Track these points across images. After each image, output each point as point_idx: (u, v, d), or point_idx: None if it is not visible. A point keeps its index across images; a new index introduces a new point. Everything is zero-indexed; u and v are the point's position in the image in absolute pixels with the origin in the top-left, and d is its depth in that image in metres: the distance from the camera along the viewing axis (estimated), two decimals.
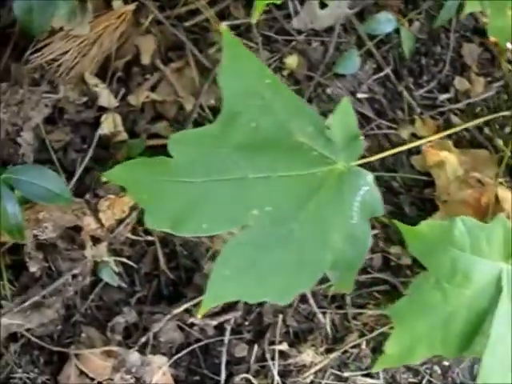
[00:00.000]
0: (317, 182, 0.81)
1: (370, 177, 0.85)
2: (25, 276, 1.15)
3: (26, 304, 1.10)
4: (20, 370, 1.11)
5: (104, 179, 0.79)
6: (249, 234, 0.80)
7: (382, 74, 1.37)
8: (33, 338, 1.12)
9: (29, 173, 1.01)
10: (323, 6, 1.36)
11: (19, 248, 1.15)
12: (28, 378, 1.11)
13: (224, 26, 1.20)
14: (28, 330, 1.12)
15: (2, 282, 1.13)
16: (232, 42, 0.77)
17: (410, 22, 1.41)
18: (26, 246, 1.13)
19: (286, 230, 0.79)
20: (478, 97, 1.39)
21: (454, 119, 1.38)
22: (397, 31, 1.39)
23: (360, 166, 0.84)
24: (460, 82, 1.40)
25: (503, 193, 1.29)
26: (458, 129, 1.21)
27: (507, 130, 1.38)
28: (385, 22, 1.33)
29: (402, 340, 0.93)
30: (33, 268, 1.12)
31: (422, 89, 1.38)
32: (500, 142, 1.37)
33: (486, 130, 1.38)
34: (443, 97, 1.39)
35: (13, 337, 1.13)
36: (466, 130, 1.38)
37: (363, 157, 0.86)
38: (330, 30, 1.39)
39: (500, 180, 1.31)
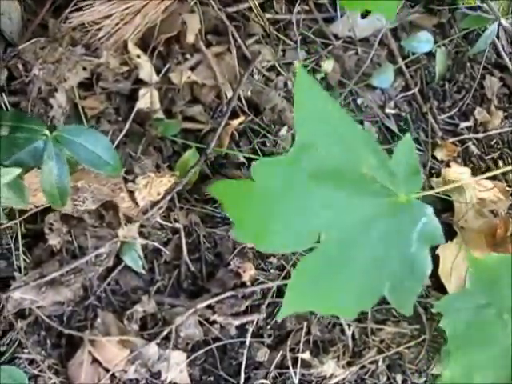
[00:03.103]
0: (378, 211, 0.84)
1: (429, 209, 0.89)
2: (40, 248, 1.05)
3: (43, 280, 1.00)
4: (26, 351, 1.01)
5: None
6: (318, 254, 0.81)
7: (409, 93, 1.37)
8: (42, 317, 1.02)
9: (82, 135, 0.91)
10: (364, 16, 1.34)
11: (36, 217, 1.06)
12: (34, 359, 1.01)
13: (298, 63, 1.21)
14: (38, 307, 1.02)
15: (16, 253, 1.02)
16: (305, 78, 0.80)
17: (439, 47, 1.42)
18: (47, 216, 1.04)
19: (350, 255, 0.82)
20: (495, 129, 1.41)
21: (472, 148, 1.39)
22: (426, 53, 1.39)
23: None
24: (480, 113, 1.41)
25: None
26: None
27: None
28: (424, 42, 1.32)
29: (458, 366, 0.92)
30: (53, 241, 1.03)
31: (444, 114, 1.39)
32: None
33: (500, 163, 1.40)
34: (463, 125, 1.40)
35: (21, 313, 1.03)
36: (482, 160, 1.40)
37: None
38: (364, 40, 1.37)
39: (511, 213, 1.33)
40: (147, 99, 1.13)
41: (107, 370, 1.02)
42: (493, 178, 1.38)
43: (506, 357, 0.91)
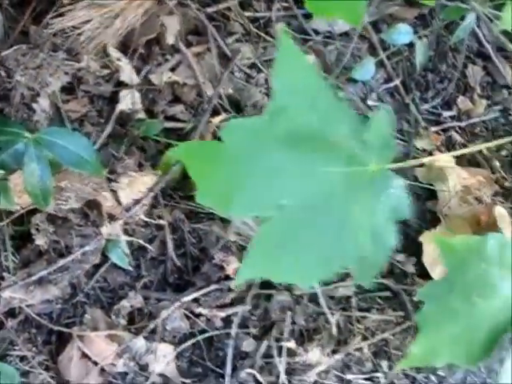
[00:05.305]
0: (349, 180, 0.83)
1: (399, 181, 0.87)
2: (28, 249, 1.09)
3: (31, 279, 1.04)
4: (17, 348, 1.05)
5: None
6: (280, 221, 0.80)
7: (391, 85, 1.39)
8: (32, 315, 1.06)
9: (63, 136, 0.96)
10: None
11: (23, 218, 1.09)
12: (25, 356, 1.05)
13: (282, 26, 1.22)
14: (28, 306, 1.06)
15: (5, 254, 1.06)
16: (287, 41, 0.79)
17: (419, 38, 1.44)
18: (34, 217, 1.07)
19: (315, 222, 0.81)
20: (478, 117, 1.43)
21: (456, 136, 1.41)
22: (407, 45, 1.41)
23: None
24: (463, 102, 1.43)
25: (500, 211, 1.33)
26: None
27: (504, 152, 1.42)
28: (404, 34, 1.35)
29: (426, 342, 0.94)
30: (39, 241, 1.06)
31: (427, 104, 1.41)
32: (497, 164, 1.40)
33: (484, 151, 1.42)
34: (447, 114, 1.41)
35: (11, 312, 1.06)
36: (466, 148, 1.41)
37: None
38: (344, 34, 1.39)
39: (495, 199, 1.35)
40: (129, 101, 1.16)
41: (96, 364, 1.06)
42: (477, 165, 1.40)
43: (471, 333, 0.93)
